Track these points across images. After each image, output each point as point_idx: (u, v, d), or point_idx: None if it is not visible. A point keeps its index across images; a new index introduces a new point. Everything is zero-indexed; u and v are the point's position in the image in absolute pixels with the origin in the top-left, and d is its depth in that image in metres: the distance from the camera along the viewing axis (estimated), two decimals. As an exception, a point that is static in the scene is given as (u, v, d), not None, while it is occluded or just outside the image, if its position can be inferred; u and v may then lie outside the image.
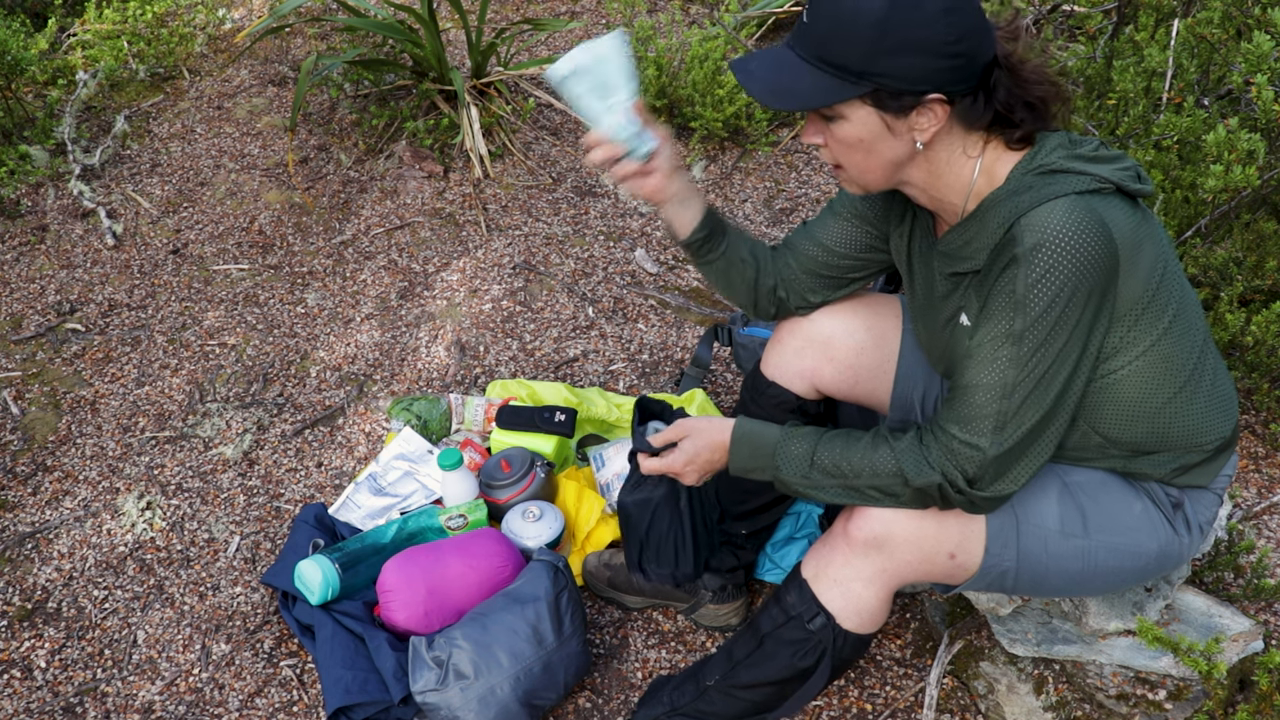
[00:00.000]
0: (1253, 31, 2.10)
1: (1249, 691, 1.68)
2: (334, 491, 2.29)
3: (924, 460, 1.37)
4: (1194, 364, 1.42)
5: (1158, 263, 1.34)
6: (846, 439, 1.44)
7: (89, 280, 2.88)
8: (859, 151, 1.35)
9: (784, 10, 3.64)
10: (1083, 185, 1.28)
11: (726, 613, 1.95)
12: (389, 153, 3.25)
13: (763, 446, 1.49)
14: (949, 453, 1.36)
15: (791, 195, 3.12)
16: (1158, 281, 1.34)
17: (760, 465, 1.50)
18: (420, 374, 2.57)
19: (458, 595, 1.89)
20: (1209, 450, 1.47)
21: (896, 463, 1.39)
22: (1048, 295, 1.27)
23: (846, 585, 1.52)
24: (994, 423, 1.33)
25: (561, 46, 3.80)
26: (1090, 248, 1.26)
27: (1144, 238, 1.32)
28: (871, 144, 1.34)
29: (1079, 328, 1.29)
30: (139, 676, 1.96)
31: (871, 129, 1.32)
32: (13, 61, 3.15)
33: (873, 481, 1.41)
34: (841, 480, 1.43)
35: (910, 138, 1.33)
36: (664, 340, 2.63)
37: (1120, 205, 1.31)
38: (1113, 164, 1.33)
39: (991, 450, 1.33)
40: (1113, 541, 1.47)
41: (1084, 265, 1.26)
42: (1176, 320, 1.37)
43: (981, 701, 1.80)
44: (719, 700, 1.68)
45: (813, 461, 1.44)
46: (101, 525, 2.24)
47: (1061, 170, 1.30)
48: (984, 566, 1.47)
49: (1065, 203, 1.27)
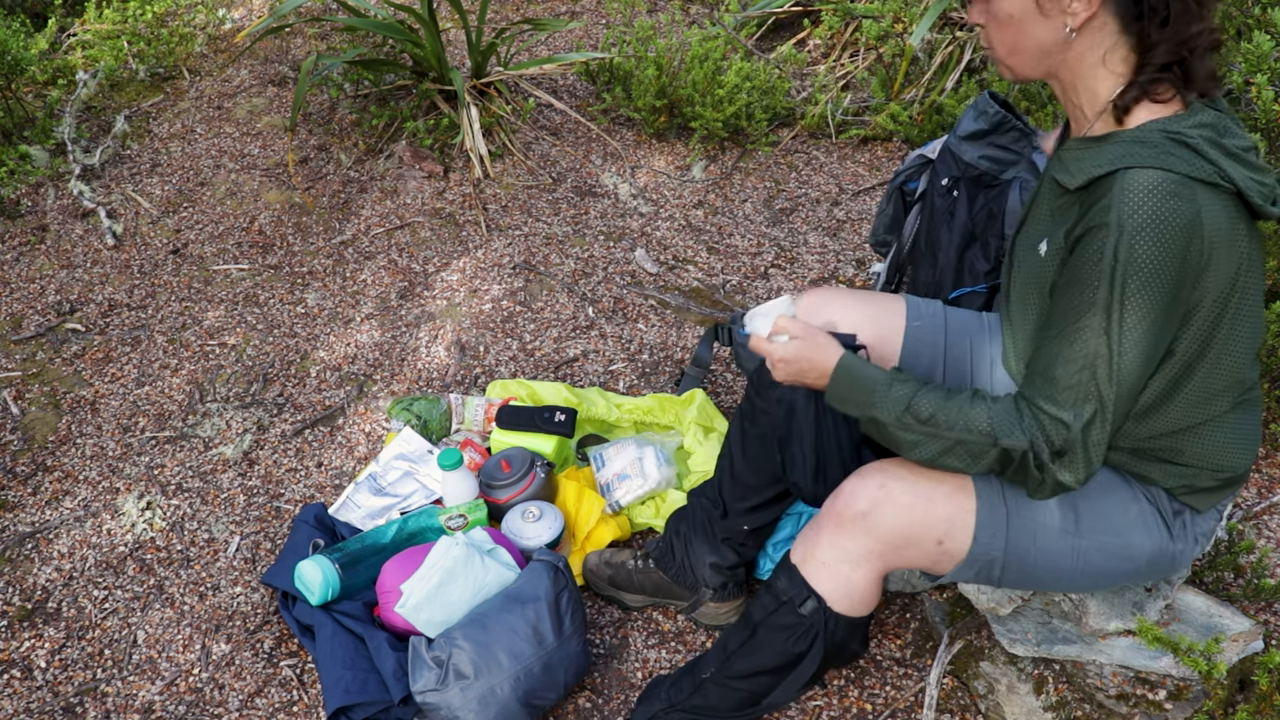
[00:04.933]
0: (1253, 31, 2.10)
1: (1249, 691, 1.68)
2: (334, 491, 2.29)
3: (1017, 425, 1.35)
4: (1230, 402, 1.41)
5: (1239, 277, 1.30)
6: (946, 392, 1.41)
7: (89, 280, 2.88)
8: (1010, 30, 1.35)
9: (784, 10, 3.64)
10: (1199, 172, 1.24)
11: (726, 611, 1.95)
12: (389, 153, 3.25)
13: (864, 382, 1.45)
14: (1039, 425, 1.33)
15: (791, 195, 3.12)
16: (1238, 298, 1.31)
17: (856, 400, 1.46)
18: (420, 374, 2.57)
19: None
20: (1220, 479, 1.47)
21: (990, 422, 1.36)
22: (1133, 268, 1.23)
23: (835, 568, 1.52)
24: (1077, 395, 1.30)
25: (561, 46, 3.80)
26: (1179, 233, 1.22)
27: (1239, 247, 1.28)
28: (1022, 22, 1.33)
29: (1160, 307, 1.26)
30: (139, 676, 1.96)
31: (1024, 6, 1.31)
32: (13, 61, 3.15)
33: (964, 436, 1.38)
34: (933, 430, 1.40)
35: (1062, 21, 1.30)
36: (664, 340, 2.63)
37: (1225, 207, 1.26)
38: (1251, 171, 1.28)
39: (1076, 425, 1.31)
40: (1105, 542, 1.47)
41: (1171, 248, 1.22)
42: (1225, 349, 1.35)
43: (981, 701, 1.80)
44: (715, 692, 1.69)
45: (908, 406, 1.41)
46: (101, 525, 2.24)
47: (1191, 146, 1.25)
48: (971, 555, 1.47)
49: (1171, 181, 1.23)
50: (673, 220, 3.03)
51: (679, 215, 3.05)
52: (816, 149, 3.30)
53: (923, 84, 3.28)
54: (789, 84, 3.33)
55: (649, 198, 3.12)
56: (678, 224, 3.02)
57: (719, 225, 3.01)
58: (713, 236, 2.97)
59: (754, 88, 3.23)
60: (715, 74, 3.19)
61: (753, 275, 2.83)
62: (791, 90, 3.45)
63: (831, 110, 3.31)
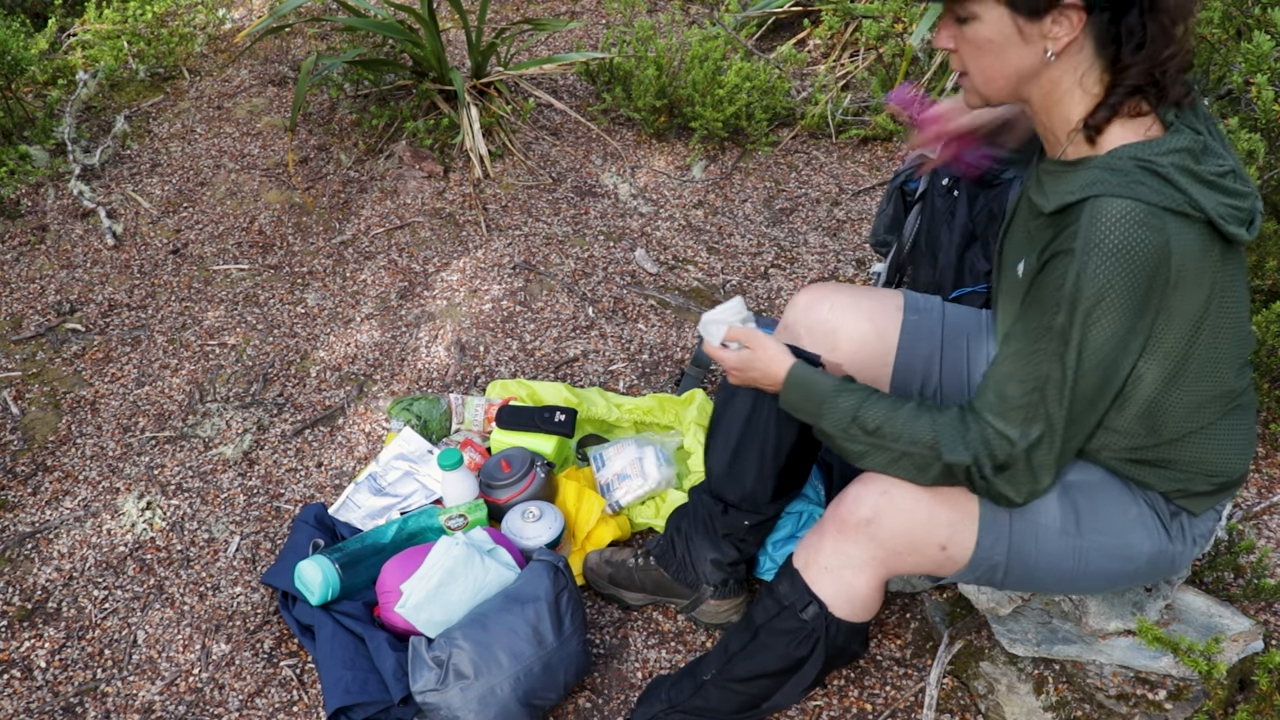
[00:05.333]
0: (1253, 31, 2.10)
1: (1249, 691, 1.68)
2: (334, 491, 2.29)
3: (961, 439, 1.37)
4: (1217, 412, 1.41)
5: (1213, 300, 1.30)
6: (892, 403, 1.43)
7: (89, 280, 2.88)
8: (988, 55, 1.32)
9: (784, 10, 3.64)
10: (1169, 201, 1.23)
11: (727, 609, 1.95)
12: (389, 153, 3.25)
13: (813, 393, 1.49)
14: (983, 438, 1.35)
15: (791, 195, 3.12)
16: (1213, 318, 1.31)
17: (806, 409, 1.51)
18: (420, 374, 2.57)
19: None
20: (1215, 484, 1.47)
21: (934, 435, 1.38)
22: (1093, 297, 1.24)
23: (838, 573, 1.53)
24: (1025, 415, 1.32)
25: (561, 46, 3.80)
26: (1145, 263, 1.22)
27: (1209, 272, 1.27)
28: (1001, 48, 1.30)
29: (1118, 336, 1.27)
30: (139, 676, 1.96)
31: (1004, 31, 1.29)
32: (13, 61, 3.15)
33: (908, 449, 1.40)
34: (878, 440, 1.42)
35: (1042, 46, 1.29)
36: (664, 340, 2.63)
37: (1198, 235, 1.25)
38: (1225, 196, 1.26)
39: (1021, 443, 1.33)
40: (1106, 542, 1.47)
41: (1135, 278, 1.23)
42: (1210, 365, 1.36)
43: (981, 701, 1.80)
44: (716, 694, 1.69)
45: (855, 418, 1.44)
46: (101, 525, 2.24)
47: (1162, 175, 1.24)
48: (975, 559, 1.47)
49: (1140, 211, 1.22)
50: (673, 220, 3.03)
51: (679, 215, 3.05)
52: (816, 149, 3.30)
53: (923, 84, 3.28)
54: (789, 84, 3.33)
55: (649, 198, 3.12)
56: (678, 224, 3.02)
57: (719, 225, 3.01)
58: (713, 236, 2.97)
59: (754, 88, 3.23)
60: (715, 74, 3.19)
61: (753, 275, 2.83)
62: (791, 90, 3.45)
63: (831, 110, 3.31)
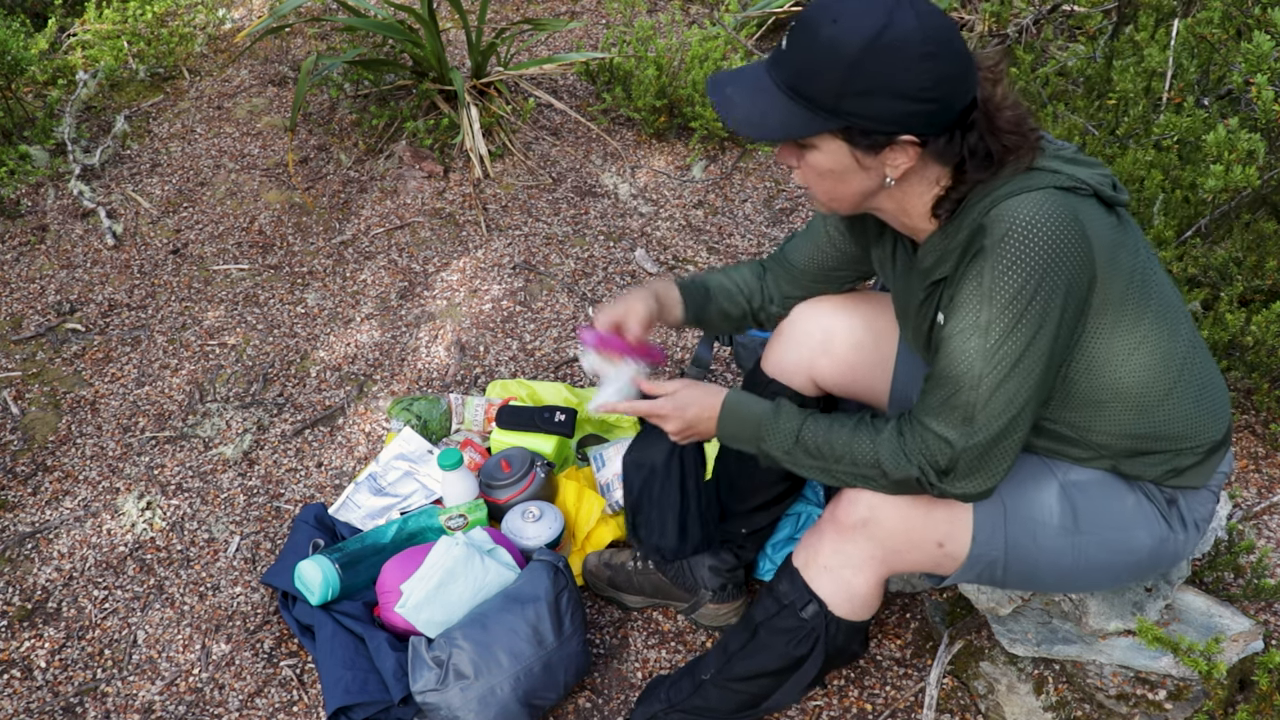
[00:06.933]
0: (1253, 31, 2.10)
1: (1249, 691, 1.68)
2: (334, 491, 2.29)
3: (901, 452, 1.38)
4: (1180, 366, 1.41)
5: (1137, 266, 1.34)
6: (832, 422, 1.44)
7: (89, 280, 2.88)
8: (829, 180, 1.36)
9: (784, 10, 3.64)
10: (1059, 182, 1.28)
11: (726, 612, 1.95)
12: (389, 153, 3.25)
13: (750, 418, 1.51)
14: (923, 445, 1.36)
15: (791, 195, 3.12)
16: (1139, 285, 1.33)
17: (746, 436, 1.52)
18: (420, 374, 2.57)
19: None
20: (1200, 452, 1.47)
21: (875, 453, 1.40)
22: (1014, 286, 1.26)
23: (837, 572, 1.53)
24: (962, 414, 1.33)
25: (561, 46, 3.80)
26: (1062, 239, 1.25)
27: (1121, 242, 1.32)
28: (842, 175, 1.34)
29: (1048, 321, 1.27)
30: (139, 676, 1.96)
31: (842, 161, 1.32)
32: (13, 61, 3.15)
33: (851, 469, 1.43)
34: (823, 462, 1.45)
35: (881, 172, 1.32)
36: (664, 340, 2.63)
37: (1097, 209, 1.30)
38: (1091, 169, 1.33)
39: (960, 443, 1.33)
40: (1105, 536, 1.47)
41: (1054, 257, 1.25)
42: (1159, 322, 1.37)
43: (981, 701, 1.80)
44: (716, 694, 1.69)
45: (798, 439, 1.46)
46: (101, 525, 2.24)
47: (1037, 168, 1.30)
48: (972, 556, 1.47)
49: (1039, 195, 1.26)
50: (673, 220, 3.03)
51: (679, 215, 3.05)
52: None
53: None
54: (789, 84, 3.33)
55: (649, 198, 3.12)
56: (678, 224, 3.02)
57: (719, 225, 3.01)
58: (713, 236, 2.97)
59: (754, 88, 3.22)
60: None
61: (753, 275, 2.83)
62: (791, 90, 3.45)
63: (831, 110, 3.31)
